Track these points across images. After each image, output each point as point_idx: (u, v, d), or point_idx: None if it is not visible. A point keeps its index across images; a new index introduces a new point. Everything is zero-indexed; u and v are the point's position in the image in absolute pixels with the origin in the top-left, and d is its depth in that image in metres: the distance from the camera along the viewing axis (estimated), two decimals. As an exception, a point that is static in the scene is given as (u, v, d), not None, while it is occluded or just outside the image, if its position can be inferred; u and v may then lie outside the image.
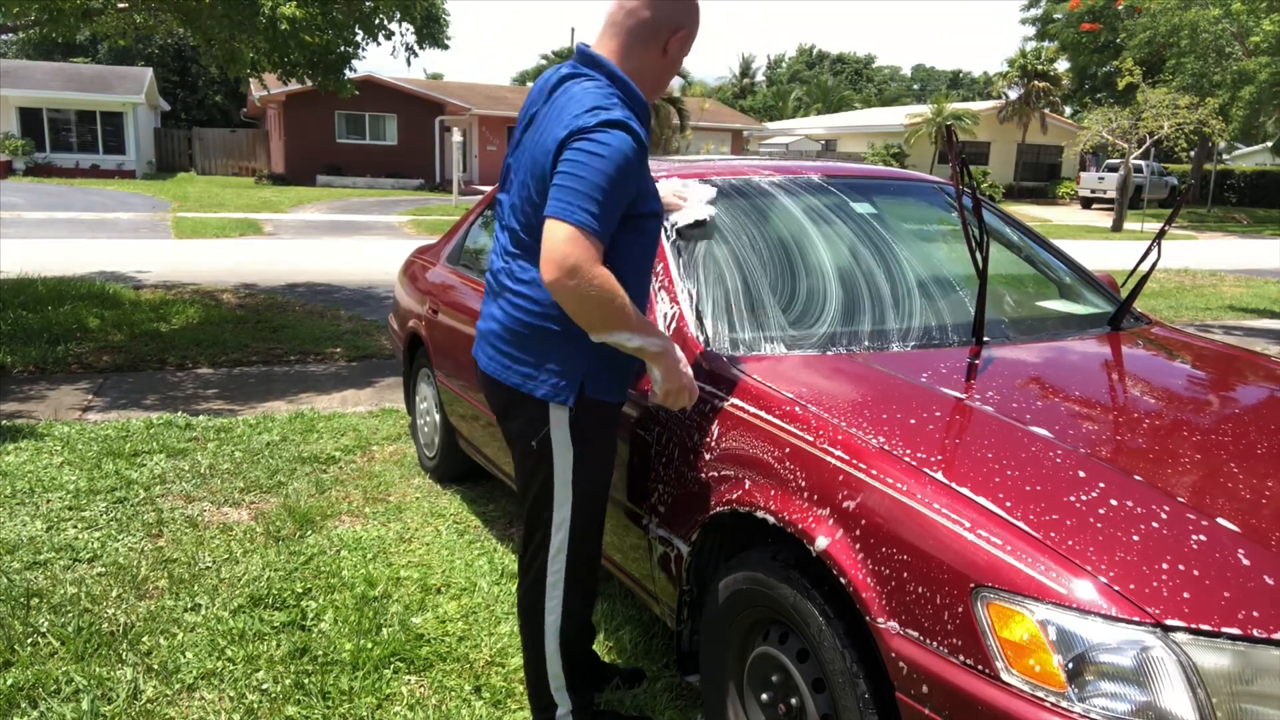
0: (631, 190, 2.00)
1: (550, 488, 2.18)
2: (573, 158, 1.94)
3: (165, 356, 6.56)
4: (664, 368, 2.06)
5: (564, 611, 2.26)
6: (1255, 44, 19.49)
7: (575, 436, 2.14)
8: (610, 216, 1.95)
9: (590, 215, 1.90)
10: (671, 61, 2.14)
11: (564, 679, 2.31)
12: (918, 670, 1.64)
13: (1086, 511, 1.66)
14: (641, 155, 1.99)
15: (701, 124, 32.29)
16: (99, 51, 39.63)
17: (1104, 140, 23.96)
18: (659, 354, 2.04)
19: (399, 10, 8.25)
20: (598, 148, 1.93)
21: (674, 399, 2.12)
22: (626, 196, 1.99)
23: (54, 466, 4.22)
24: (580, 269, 1.88)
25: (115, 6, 7.49)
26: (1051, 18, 36.74)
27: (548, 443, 2.14)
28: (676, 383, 2.08)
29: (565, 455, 2.15)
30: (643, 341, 2.00)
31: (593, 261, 1.89)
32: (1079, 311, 2.98)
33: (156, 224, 16.60)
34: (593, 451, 2.18)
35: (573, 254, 1.88)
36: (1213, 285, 12.91)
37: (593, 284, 1.89)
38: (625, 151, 1.94)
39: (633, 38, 2.08)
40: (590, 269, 1.89)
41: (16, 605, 2.96)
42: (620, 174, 1.93)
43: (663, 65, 2.13)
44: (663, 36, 2.09)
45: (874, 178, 3.41)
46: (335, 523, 3.75)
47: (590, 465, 2.18)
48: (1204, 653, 1.45)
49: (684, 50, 2.15)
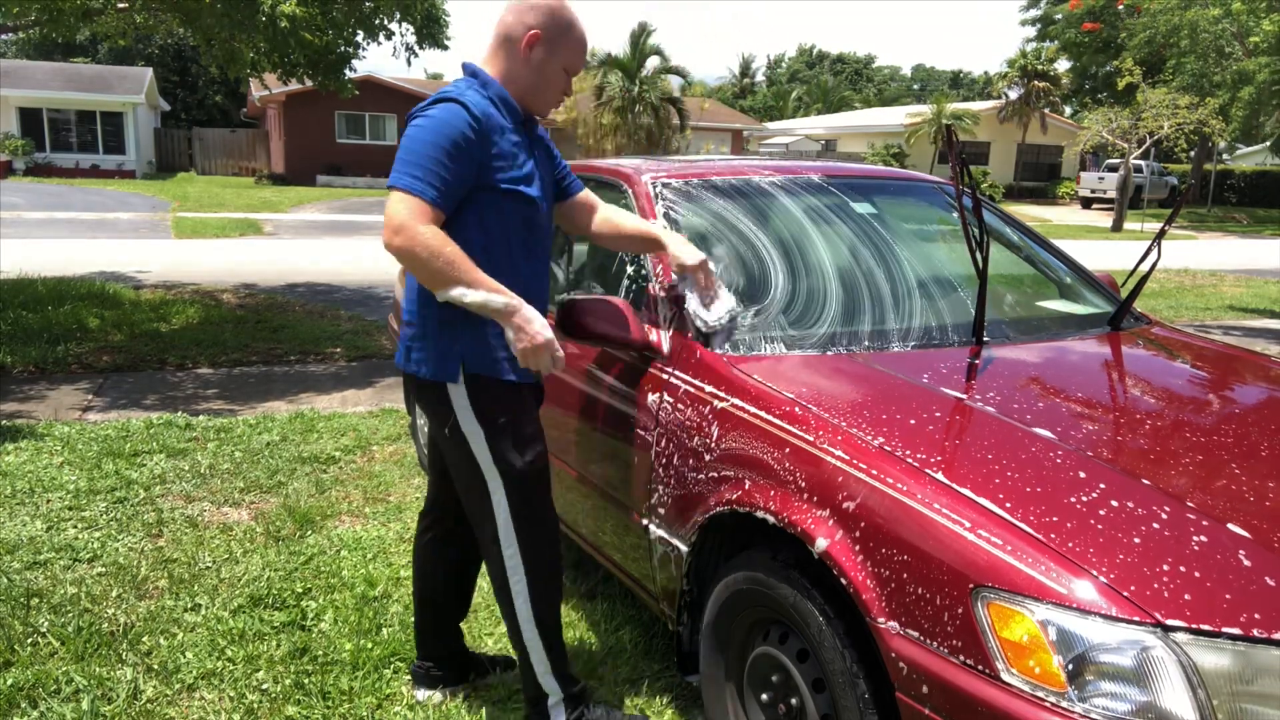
0: (473, 158, 2.09)
1: (479, 475, 2.22)
2: (405, 134, 2.12)
3: (165, 356, 6.56)
4: (512, 325, 2.09)
5: (531, 596, 2.27)
6: (1255, 44, 19.48)
7: (479, 416, 2.19)
8: (443, 182, 2.05)
9: (413, 178, 2.03)
10: (538, 65, 2.22)
11: (549, 664, 2.31)
12: (918, 670, 1.64)
13: (1087, 512, 1.66)
14: (477, 128, 2.08)
15: (701, 124, 32.30)
16: (99, 51, 39.63)
17: (1104, 140, 23.97)
18: (502, 310, 2.07)
19: (399, 10, 8.24)
20: (424, 120, 2.09)
21: (532, 359, 2.13)
22: (464, 163, 2.08)
23: (54, 466, 4.22)
24: (405, 227, 2.00)
25: (115, 6, 7.49)
26: (1052, 19, 36.72)
27: (458, 429, 2.20)
28: (529, 341, 2.09)
29: (477, 438, 2.20)
30: (483, 298, 2.05)
31: (417, 219, 2.01)
32: (1079, 311, 2.98)
33: (156, 224, 16.60)
34: (502, 430, 2.20)
35: (399, 214, 2.01)
36: (1213, 285, 12.91)
37: (417, 239, 1.99)
38: (450, 120, 2.07)
39: (496, 44, 2.24)
40: (415, 225, 2.00)
41: (16, 605, 2.96)
42: (447, 140, 2.05)
43: (530, 69, 2.22)
44: (518, 40, 2.20)
45: (874, 178, 3.41)
46: (335, 523, 3.75)
47: (505, 444, 2.20)
48: (1204, 653, 1.45)
49: (552, 56, 2.22)
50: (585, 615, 3.04)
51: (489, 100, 2.17)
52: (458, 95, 2.12)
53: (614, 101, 26.79)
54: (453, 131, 2.06)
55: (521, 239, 2.23)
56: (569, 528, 3.02)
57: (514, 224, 2.21)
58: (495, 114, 2.15)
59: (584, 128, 27.74)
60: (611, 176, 3.06)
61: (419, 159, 2.04)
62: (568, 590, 3.23)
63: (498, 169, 2.14)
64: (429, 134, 2.06)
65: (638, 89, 26.96)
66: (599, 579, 3.28)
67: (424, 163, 2.04)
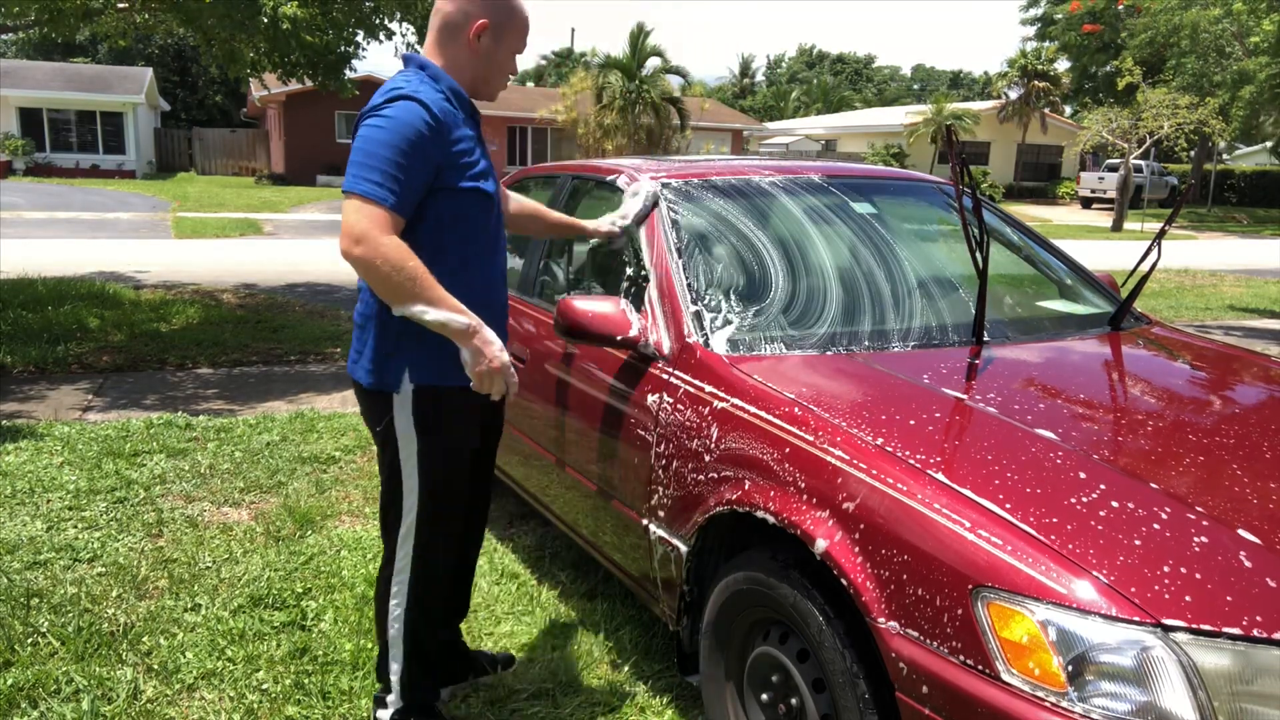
0: (430, 159, 2.01)
1: (399, 476, 2.18)
2: (360, 134, 2.01)
3: (165, 356, 6.56)
4: (471, 348, 2.02)
5: (408, 602, 2.25)
6: (1255, 44, 19.48)
7: (417, 426, 2.14)
8: (403, 186, 1.96)
9: (373, 184, 1.94)
10: (487, 54, 2.16)
11: (402, 673, 2.29)
12: (918, 670, 1.64)
13: (1087, 513, 1.66)
14: (433, 126, 2.00)
15: (701, 124, 32.28)
16: (99, 51, 39.61)
17: (1104, 140, 23.96)
18: (463, 332, 2.00)
19: (399, 10, 8.24)
20: (380, 120, 1.98)
21: (486, 383, 2.07)
22: (423, 165, 2.00)
23: (54, 466, 4.22)
24: (367, 237, 1.91)
25: (115, 6, 7.49)
26: (1052, 19, 36.73)
27: (391, 430, 2.15)
28: (486, 365, 2.03)
29: (409, 446, 2.15)
30: (444, 317, 1.97)
31: (380, 229, 1.92)
32: (1079, 311, 2.98)
33: (156, 224, 16.60)
34: (434, 444, 2.17)
35: (359, 223, 1.92)
36: (1213, 285, 12.91)
37: (379, 251, 1.91)
38: (409, 120, 1.97)
39: (440, 35, 2.16)
40: (377, 236, 1.91)
41: (16, 605, 2.96)
42: (405, 142, 1.96)
43: (478, 58, 2.16)
44: (465, 29, 2.13)
45: (874, 178, 3.41)
46: (335, 523, 3.75)
47: (434, 456, 2.17)
48: (1204, 653, 1.45)
49: (499, 43, 2.17)
50: (585, 615, 3.04)
51: (442, 94, 2.09)
52: (412, 92, 2.02)
53: (614, 101, 26.77)
54: (410, 132, 1.97)
55: (485, 238, 2.19)
56: (569, 527, 3.02)
57: (477, 223, 2.16)
58: (449, 108, 2.08)
59: (584, 127, 27.71)
60: (612, 176, 3.06)
61: (376, 162, 1.95)
62: (568, 590, 3.24)
63: (456, 169, 2.08)
64: (386, 134, 1.97)
65: (638, 89, 26.95)
66: (599, 579, 3.28)
67: (382, 165, 1.95)
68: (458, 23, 2.13)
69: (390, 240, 1.93)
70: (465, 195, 2.10)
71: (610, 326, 2.47)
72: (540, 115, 29.48)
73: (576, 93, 28.31)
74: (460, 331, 2.00)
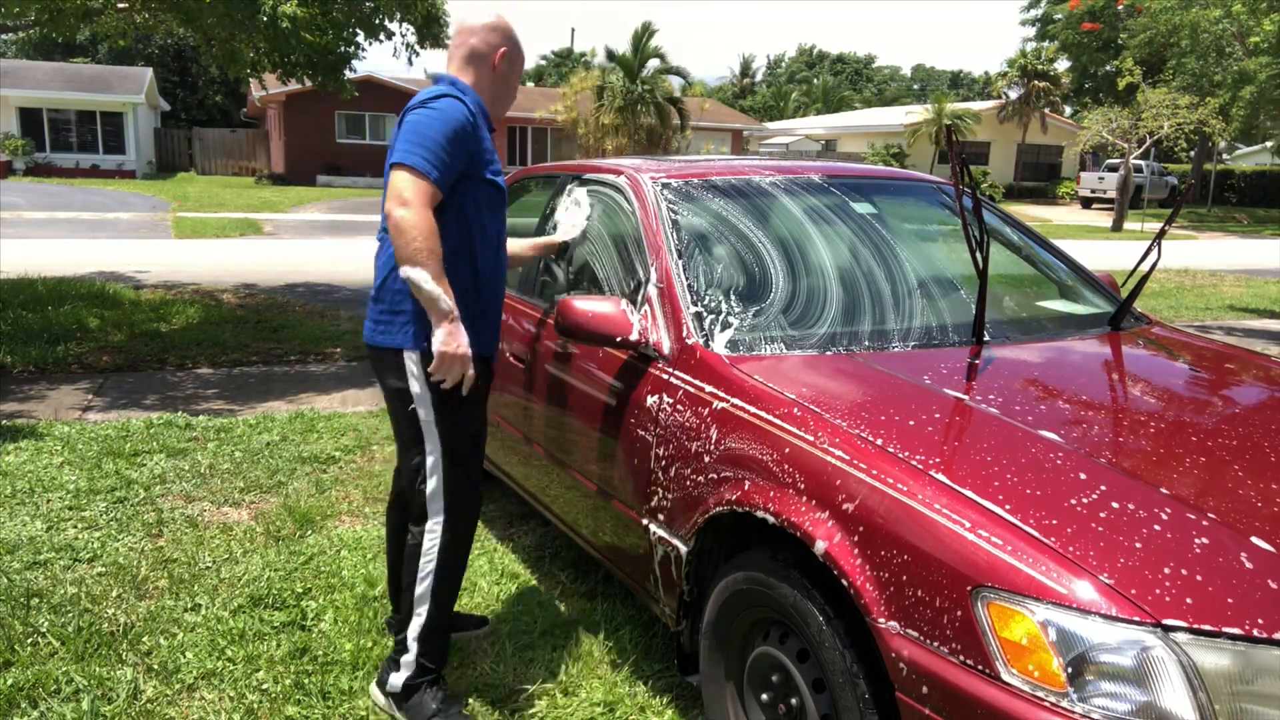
0: (467, 149, 2.32)
1: (419, 437, 2.38)
2: (410, 120, 2.30)
3: (165, 356, 6.56)
4: (444, 329, 2.24)
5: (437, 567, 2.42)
6: (1255, 44, 19.46)
7: (429, 383, 2.33)
8: (445, 166, 2.26)
9: (422, 159, 2.23)
10: (503, 75, 2.54)
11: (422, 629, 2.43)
12: (918, 670, 1.64)
13: (1087, 513, 1.66)
14: (473, 124, 2.34)
15: (702, 124, 32.28)
16: (99, 51, 39.60)
17: (1104, 140, 23.96)
18: (445, 312, 2.23)
19: (399, 10, 8.24)
20: (431, 111, 2.30)
21: (445, 365, 2.27)
22: (461, 152, 2.31)
23: (54, 466, 4.22)
24: (411, 202, 2.20)
25: (115, 6, 7.48)
26: (1052, 18, 36.72)
27: (407, 393, 2.37)
28: (451, 348, 2.25)
29: (425, 403, 2.36)
30: (436, 292, 2.21)
31: (422, 199, 2.21)
32: (1079, 311, 2.98)
33: (156, 224, 16.60)
34: (447, 396, 2.34)
35: (407, 189, 2.21)
36: (1213, 285, 12.91)
37: (417, 215, 2.19)
38: (455, 114, 2.30)
39: (467, 62, 2.49)
40: (419, 205, 2.20)
41: (16, 605, 2.96)
42: (452, 130, 2.28)
43: (497, 78, 2.53)
44: (490, 57, 2.50)
45: (874, 178, 3.41)
46: (335, 523, 3.75)
47: (448, 410, 2.36)
48: (1204, 653, 1.45)
49: (514, 64, 2.56)
50: (585, 615, 3.04)
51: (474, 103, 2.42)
52: (456, 94, 2.36)
53: (615, 101, 26.79)
54: (455, 124, 2.29)
55: (498, 227, 2.48)
56: (569, 527, 3.02)
57: (495, 211, 2.46)
58: (480, 116, 2.43)
59: (584, 127, 27.74)
60: (612, 176, 3.06)
61: (426, 142, 2.24)
62: (568, 590, 3.24)
63: (482, 161, 2.40)
64: (436, 121, 2.27)
65: (639, 89, 26.95)
66: (599, 579, 3.28)
67: (431, 146, 2.24)
68: (484, 52, 2.49)
69: (427, 212, 2.21)
70: (486, 186, 2.42)
71: (610, 327, 2.47)
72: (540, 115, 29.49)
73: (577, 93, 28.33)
74: (443, 310, 2.23)
